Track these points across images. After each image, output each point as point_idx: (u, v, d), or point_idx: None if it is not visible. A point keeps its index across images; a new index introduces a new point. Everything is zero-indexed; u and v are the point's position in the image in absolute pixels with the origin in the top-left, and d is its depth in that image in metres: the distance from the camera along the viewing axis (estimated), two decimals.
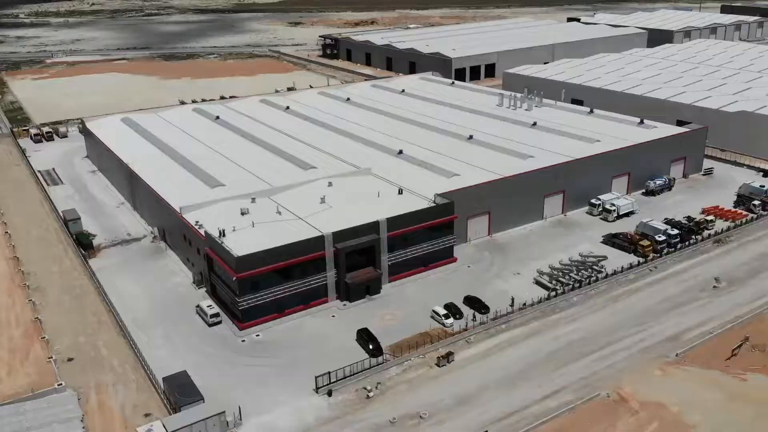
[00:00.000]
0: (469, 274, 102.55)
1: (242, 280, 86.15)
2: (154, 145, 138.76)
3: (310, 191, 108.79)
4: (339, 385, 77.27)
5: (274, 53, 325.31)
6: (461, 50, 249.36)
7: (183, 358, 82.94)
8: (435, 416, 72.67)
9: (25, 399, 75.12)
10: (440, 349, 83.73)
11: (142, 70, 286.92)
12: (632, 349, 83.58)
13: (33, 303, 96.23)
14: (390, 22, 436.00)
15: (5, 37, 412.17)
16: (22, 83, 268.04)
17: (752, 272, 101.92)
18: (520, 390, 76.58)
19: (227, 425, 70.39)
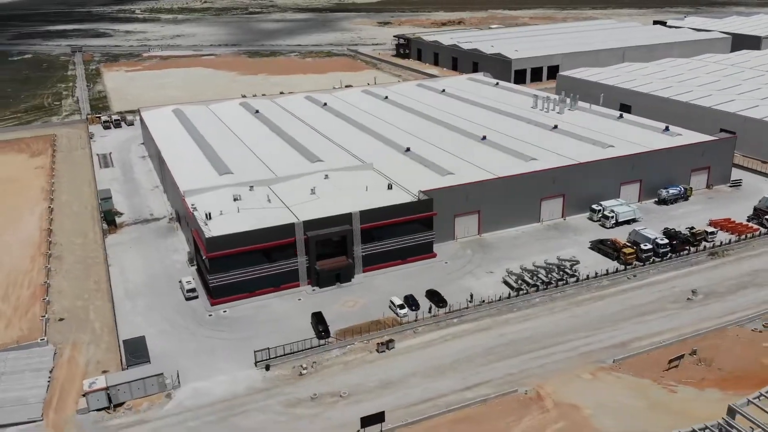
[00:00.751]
0: (443, 270, 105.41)
1: (212, 260, 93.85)
2: (188, 134, 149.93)
3: (306, 182, 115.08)
4: (278, 362, 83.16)
5: (352, 52, 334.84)
6: (524, 51, 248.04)
7: (154, 325, 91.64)
8: (353, 396, 77.07)
9: (11, 349, 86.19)
10: (385, 337, 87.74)
11: (225, 65, 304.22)
12: (573, 352, 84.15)
13: (48, 269, 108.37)
14: (477, 22, 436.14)
15: (115, 31, 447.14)
16: (115, 74, 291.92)
17: (736, 287, 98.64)
18: (444, 380, 79.46)
19: (165, 387, 77.90)
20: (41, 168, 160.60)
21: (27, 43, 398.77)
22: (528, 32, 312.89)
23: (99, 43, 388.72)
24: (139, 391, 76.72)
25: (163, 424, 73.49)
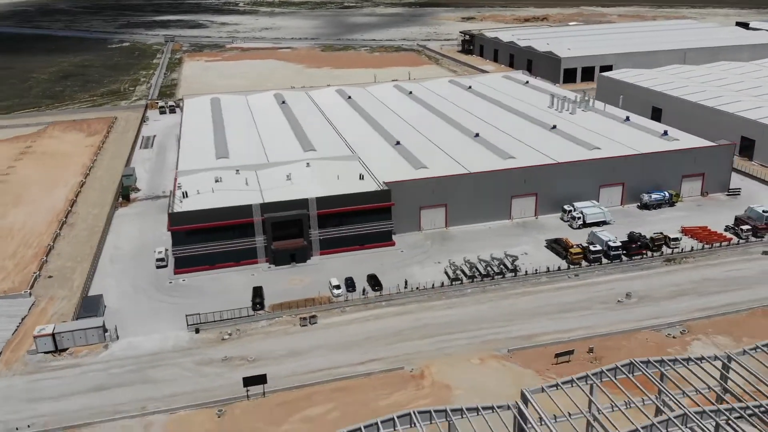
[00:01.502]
0: (396, 258, 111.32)
1: (175, 233, 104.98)
2: (211, 121, 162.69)
3: (289, 170, 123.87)
4: (209, 327, 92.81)
5: (420, 47, 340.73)
6: (577, 50, 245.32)
7: (120, 287, 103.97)
8: (259, 361, 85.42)
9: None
10: (313, 312, 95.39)
11: (296, 58, 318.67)
12: (476, 340, 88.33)
13: (57, 234, 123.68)
14: (562, 19, 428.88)
15: (212, 22, 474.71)
16: (194, 64, 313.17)
17: (675, 294, 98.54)
18: (345, 353, 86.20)
19: (104, 338, 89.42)
20: (91, 146, 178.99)
21: (130, 32, 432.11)
22: (594, 31, 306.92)
23: (193, 34, 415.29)
24: (81, 339, 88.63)
25: (92, 369, 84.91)
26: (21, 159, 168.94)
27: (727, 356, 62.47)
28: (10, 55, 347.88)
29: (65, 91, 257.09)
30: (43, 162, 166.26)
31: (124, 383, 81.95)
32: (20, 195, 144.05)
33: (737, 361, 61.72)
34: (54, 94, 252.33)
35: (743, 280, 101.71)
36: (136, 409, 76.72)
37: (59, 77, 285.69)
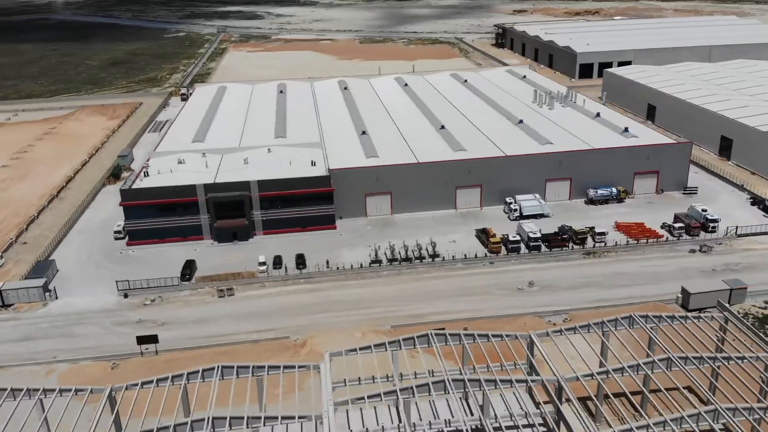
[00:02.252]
0: (332, 240, 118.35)
1: (126, 208, 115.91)
2: (207, 108, 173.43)
3: (251, 154, 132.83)
4: (137, 293, 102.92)
5: (457, 40, 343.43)
6: (597, 46, 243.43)
7: (76, 254, 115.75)
8: (170, 324, 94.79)
9: None
10: (233, 286, 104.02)
11: (332, 50, 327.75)
12: (369, 316, 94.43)
13: (44, 207, 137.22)
14: (615, 13, 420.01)
15: (269, 14, 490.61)
16: (236, 54, 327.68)
17: (579, 285, 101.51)
18: (249, 323, 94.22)
19: (44, 297, 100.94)
20: (107, 129, 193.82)
21: (190, 22, 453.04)
22: (628, 26, 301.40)
23: (246, 25, 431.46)
24: (24, 297, 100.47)
25: (26, 322, 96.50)
26: (42, 139, 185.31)
27: (529, 335, 66.82)
28: (75, 42, 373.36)
29: (108, 78, 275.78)
30: (60, 142, 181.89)
31: (48, 336, 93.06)
32: (28, 171, 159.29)
33: (536, 340, 66.04)
34: (97, 80, 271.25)
35: (656, 275, 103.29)
36: (47, 358, 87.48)
37: (108, 64, 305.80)
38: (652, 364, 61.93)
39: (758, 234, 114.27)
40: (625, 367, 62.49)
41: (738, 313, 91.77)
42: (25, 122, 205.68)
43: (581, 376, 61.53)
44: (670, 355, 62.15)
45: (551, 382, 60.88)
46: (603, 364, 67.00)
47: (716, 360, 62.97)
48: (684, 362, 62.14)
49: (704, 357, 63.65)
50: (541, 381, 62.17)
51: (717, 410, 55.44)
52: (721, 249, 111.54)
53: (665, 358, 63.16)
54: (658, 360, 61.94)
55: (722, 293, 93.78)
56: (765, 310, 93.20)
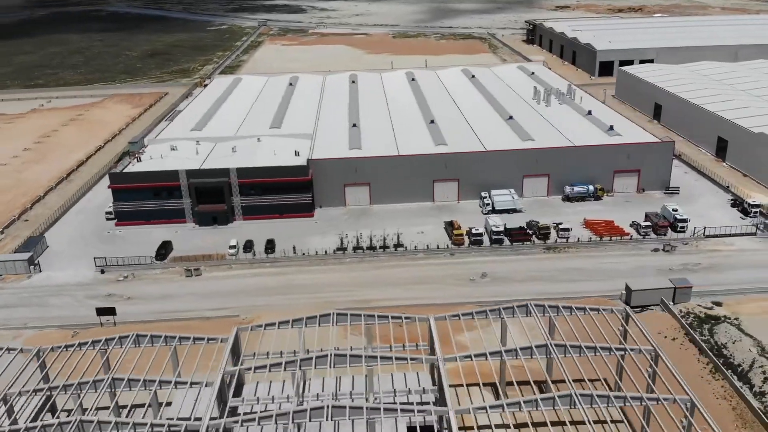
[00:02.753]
0: (308, 227, 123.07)
1: (114, 190, 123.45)
2: (216, 98, 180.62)
3: (241, 143, 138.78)
4: (114, 269, 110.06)
5: (489, 36, 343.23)
6: (619, 43, 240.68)
7: (70, 233, 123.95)
8: (135, 299, 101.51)
9: None
10: (202, 267, 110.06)
11: (363, 44, 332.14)
12: (319, 300, 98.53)
13: (52, 187, 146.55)
14: (658, 10, 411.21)
15: (313, 8, 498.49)
16: (270, 47, 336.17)
17: (531, 278, 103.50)
18: (209, 301, 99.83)
19: (28, 270, 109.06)
20: (129, 117, 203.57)
21: (235, 15, 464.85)
22: (658, 23, 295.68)
23: (288, 19, 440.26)
24: (11, 269, 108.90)
25: (9, 292, 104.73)
26: (67, 125, 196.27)
27: (428, 318, 70.14)
28: (121, 33, 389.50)
29: (143, 68, 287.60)
30: (82, 129, 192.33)
31: (25, 305, 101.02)
32: (46, 155, 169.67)
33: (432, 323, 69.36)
34: (132, 70, 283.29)
35: (611, 272, 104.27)
36: (19, 324, 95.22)
37: (147, 55, 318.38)
38: (531, 350, 64.46)
39: (726, 236, 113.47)
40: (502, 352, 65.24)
41: (680, 312, 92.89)
42: (56, 109, 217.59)
43: (460, 356, 64.49)
44: (548, 343, 64.53)
45: (441, 361, 64.15)
46: (499, 348, 69.66)
47: (596, 350, 64.95)
48: (562, 351, 64.42)
49: (584, 346, 65.76)
50: (435, 360, 65.51)
51: (571, 395, 57.80)
52: (685, 249, 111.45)
53: (543, 345, 65.62)
54: (536, 347, 64.36)
55: (666, 291, 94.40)
56: (710, 310, 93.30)
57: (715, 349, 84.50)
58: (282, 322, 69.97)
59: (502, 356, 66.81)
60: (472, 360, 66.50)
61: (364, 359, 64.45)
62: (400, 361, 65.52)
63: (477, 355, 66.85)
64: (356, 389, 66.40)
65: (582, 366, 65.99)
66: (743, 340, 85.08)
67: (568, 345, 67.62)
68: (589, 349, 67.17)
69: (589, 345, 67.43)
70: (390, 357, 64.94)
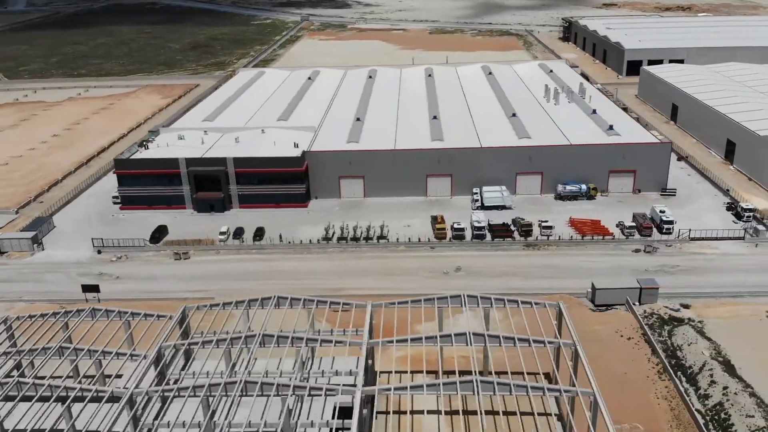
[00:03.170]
0: (299, 217, 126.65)
1: (119, 176, 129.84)
2: (236, 90, 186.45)
3: (244, 134, 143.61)
4: (109, 250, 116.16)
5: (527, 32, 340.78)
6: (648, 42, 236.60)
7: (78, 215, 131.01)
8: (124, 278, 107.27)
9: None
10: (186, 250, 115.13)
11: (398, 40, 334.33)
12: (295, 286, 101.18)
13: (71, 172, 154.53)
14: (708, 9, 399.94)
15: (356, 3, 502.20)
16: (308, 42, 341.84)
17: (504, 273, 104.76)
18: (191, 283, 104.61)
19: (32, 248, 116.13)
20: (156, 107, 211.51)
21: (281, 9, 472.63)
22: (698, 23, 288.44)
23: (331, 14, 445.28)
24: (16, 246, 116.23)
25: (12, 268, 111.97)
26: (97, 113, 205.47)
27: (370, 304, 72.77)
28: (168, 26, 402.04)
29: (182, 60, 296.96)
30: (111, 117, 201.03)
31: (23, 280, 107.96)
32: (73, 142, 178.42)
33: (368, 309, 71.97)
34: (171, 62, 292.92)
35: (585, 271, 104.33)
36: (14, 297, 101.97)
37: (188, 48, 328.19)
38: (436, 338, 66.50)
39: (713, 239, 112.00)
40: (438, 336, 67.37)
41: (644, 312, 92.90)
42: (91, 98, 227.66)
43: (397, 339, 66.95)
44: (468, 332, 66.29)
45: (364, 344, 66.83)
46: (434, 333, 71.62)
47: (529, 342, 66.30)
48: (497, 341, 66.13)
49: (516, 338, 67.19)
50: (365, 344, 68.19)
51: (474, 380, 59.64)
52: (668, 251, 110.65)
53: (480, 334, 67.43)
54: (473, 334, 66.21)
55: (631, 291, 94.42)
56: (676, 312, 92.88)
57: (670, 350, 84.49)
58: (226, 303, 73.71)
59: (437, 342, 68.99)
60: (408, 344, 68.82)
61: (305, 341, 67.57)
62: (339, 344, 68.44)
63: (414, 340, 69.18)
64: (297, 370, 69.56)
65: (515, 357, 67.44)
66: (699, 342, 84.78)
67: (502, 336, 69.28)
68: (521, 341, 68.65)
69: (522, 337, 68.87)
70: (327, 339, 67.85)
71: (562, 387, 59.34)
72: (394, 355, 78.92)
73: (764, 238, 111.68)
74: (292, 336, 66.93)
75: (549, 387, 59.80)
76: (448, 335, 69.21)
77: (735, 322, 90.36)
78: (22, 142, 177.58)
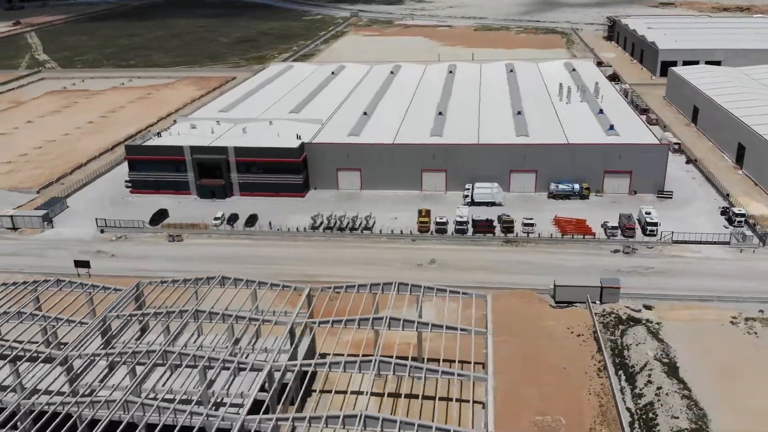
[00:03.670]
0: (294, 207, 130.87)
1: (129, 161, 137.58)
2: (258, 83, 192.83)
3: (253, 125, 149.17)
4: (111, 230, 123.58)
5: (572, 31, 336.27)
6: (685, 43, 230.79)
7: (92, 197, 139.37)
8: (118, 257, 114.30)
9: (12, 191, 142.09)
10: (180, 233, 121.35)
11: (441, 36, 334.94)
12: (271, 271, 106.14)
13: (97, 156, 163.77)
14: (767, 10, 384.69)
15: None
16: (351, 38, 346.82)
17: (476, 267, 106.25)
18: (177, 263, 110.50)
19: (42, 225, 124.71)
20: (190, 98, 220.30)
21: (334, 5, 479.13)
22: (748, 24, 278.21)
23: (381, 10, 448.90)
24: (28, 223, 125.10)
25: (22, 243, 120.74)
26: (134, 102, 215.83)
27: (309, 287, 76.44)
28: (223, 19, 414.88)
29: (227, 54, 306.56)
30: (146, 107, 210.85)
31: (29, 254, 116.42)
32: (105, 128, 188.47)
33: (303, 292, 75.56)
34: (217, 55, 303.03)
35: (557, 268, 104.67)
36: (17, 269, 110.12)
37: (236, 42, 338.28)
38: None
39: (696, 242, 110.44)
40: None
41: (603, 311, 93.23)
42: (133, 87, 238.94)
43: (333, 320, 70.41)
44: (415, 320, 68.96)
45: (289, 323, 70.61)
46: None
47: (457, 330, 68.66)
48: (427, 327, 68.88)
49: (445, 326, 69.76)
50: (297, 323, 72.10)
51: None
52: (648, 252, 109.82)
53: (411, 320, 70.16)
54: (405, 320, 69.15)
55: (593, 290, 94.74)
56: (637, 313, 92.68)
57: (618, 349, 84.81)
58: (175, 280, 78.73)
59: (371, 325, 72.21)
60: (343, 325, 72.36)
61: (234, 318, 72.09)
62: (267, 322, 72.66)
63: (348, 321, 72.68)
64: (230, 345, 73.95)
65: (449, 343, 70.21)
66: (647, 343, 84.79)
67: (431, 324, 72.03)
68: (449, 328, 71.12)
69: (450, 325, 71.36)
70: (255, 318, 72.19)
71: (457, 371, 61.59)
72: (340, 340, 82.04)
73: (750, 244, 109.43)
74: (223, 313, 71.22)
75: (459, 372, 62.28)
76: (380, 318, 72.36)
77: (694, 326, 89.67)
78: (59, 128, 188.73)
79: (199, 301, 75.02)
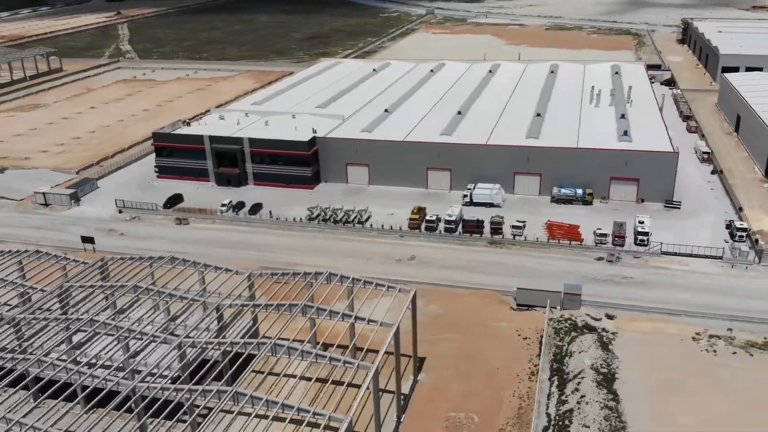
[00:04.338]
0: (299, 198, 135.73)
1: (156, 148, 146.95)
2: (301, 78, 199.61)
3: (277, 118, 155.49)
4: (129, 211, 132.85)
5: (646, 32, 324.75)
6: (750, 48, 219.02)
7: (123, 179, 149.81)
8: (126, 236, 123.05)
9: (55, 170, 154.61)
10: (191, 217, 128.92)
11: (509, 35, 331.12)
12: (258, 257, 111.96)
13: (140, 142, 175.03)
14: None
15: None
16: (420, 35, 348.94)
17: (451, 266, 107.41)
18: (176, 245, 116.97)
19: (70, 203, 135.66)
20: (244, 91, 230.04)
21: (413, 2, 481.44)
22: None
23: (458, 7, 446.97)
24: (58, 200, 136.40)
25: (50, 218, 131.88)
26: (192, 93, 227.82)
27: (249, 271, 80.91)
28: (301, 15, 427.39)
29: (294, 49, 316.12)
30: (201, 98, 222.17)
31: (52, 228, 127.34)
32: (156, 116, 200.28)
33: (242, 276, 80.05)
34: (284, 50, 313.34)
35: (532, 271, 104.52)
36: (36, 242, 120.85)
37: (306, 38, 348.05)
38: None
39: (686, 255, 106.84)
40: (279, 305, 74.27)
41: (562, 316, 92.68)
42: (195, 79, 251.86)
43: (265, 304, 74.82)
44: (343, 311, 72.21)
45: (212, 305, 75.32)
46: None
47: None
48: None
49: (355, 315, 72.37)
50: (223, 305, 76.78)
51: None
52: (633, 262, 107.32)
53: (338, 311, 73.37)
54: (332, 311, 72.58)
55: (554, 295, 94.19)
56: (596, 321, 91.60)
57: (560, 356, 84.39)
58: (132, 258, 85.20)
59: (306, 312, 75.99)
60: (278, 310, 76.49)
61: (157, 293, 77.87)
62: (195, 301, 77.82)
63: (280, 305, 76.72)
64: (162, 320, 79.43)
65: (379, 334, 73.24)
66: (589, 351, 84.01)
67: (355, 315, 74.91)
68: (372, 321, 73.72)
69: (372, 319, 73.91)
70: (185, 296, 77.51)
71: (344, 359, 64.23)
72: (283, 326, 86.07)
73: (744, 260, 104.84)
74: (146, 287, 76.93)
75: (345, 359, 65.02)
76: (312, 306, 75.79)
77: (652, 339, 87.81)
78: (117, 115, 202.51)
79: (145, 278, 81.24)
